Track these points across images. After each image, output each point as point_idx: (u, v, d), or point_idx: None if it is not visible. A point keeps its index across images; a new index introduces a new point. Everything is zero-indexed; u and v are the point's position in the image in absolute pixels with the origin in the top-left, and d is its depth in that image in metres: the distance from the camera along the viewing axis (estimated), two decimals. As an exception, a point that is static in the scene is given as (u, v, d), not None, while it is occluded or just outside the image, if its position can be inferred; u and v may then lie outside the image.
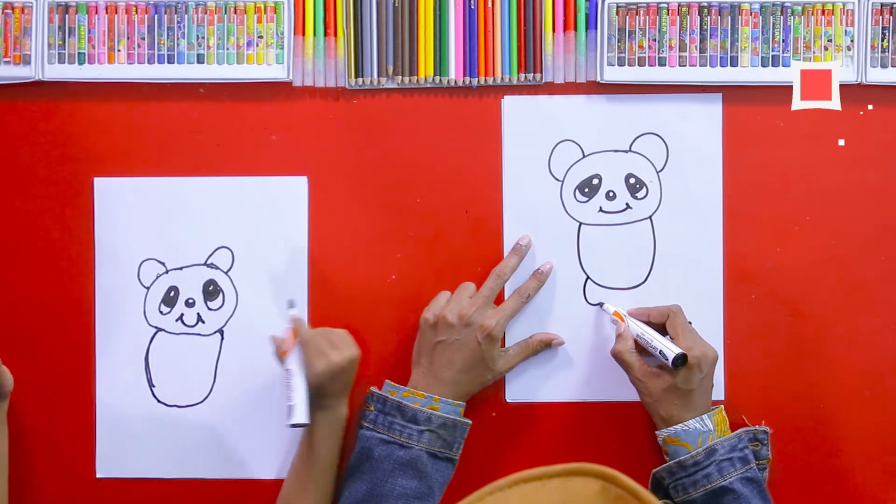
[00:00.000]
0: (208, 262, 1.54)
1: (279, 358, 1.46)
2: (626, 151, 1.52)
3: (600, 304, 1.51)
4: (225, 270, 1.54)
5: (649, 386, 1.42)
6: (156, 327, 1.54)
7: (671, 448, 1.42)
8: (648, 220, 1.52)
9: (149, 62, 1.53)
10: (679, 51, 1.50)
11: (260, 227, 1.53)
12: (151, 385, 1.54)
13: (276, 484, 1.51)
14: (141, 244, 1.54)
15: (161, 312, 1.54)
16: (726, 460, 1.39)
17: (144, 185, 1.54)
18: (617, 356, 1.45)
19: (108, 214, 1.54)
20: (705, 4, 1.50)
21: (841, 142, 1.51)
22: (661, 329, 1.46)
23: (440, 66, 1.52)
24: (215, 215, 1.54)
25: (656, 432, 1.44)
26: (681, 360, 1.40)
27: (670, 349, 1.41)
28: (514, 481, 1.00)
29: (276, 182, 1.53)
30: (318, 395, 1.44)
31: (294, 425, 1.42)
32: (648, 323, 1.47)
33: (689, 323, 1.46)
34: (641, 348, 1.45)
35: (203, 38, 1.52)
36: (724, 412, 1.43)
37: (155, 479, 1.54)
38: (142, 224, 1.54)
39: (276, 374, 1.52)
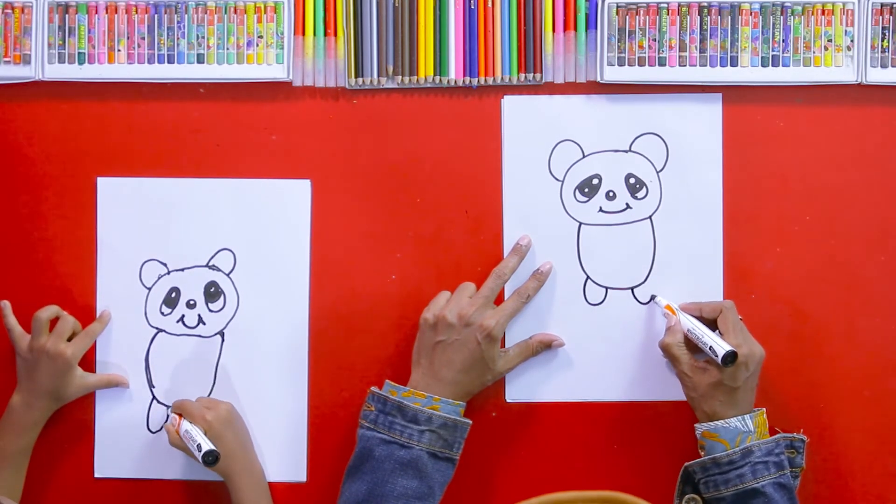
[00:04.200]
0: (210, 263, 1.54)
1: (175, 436, 1.47)
2: (626, 151, 1.52)
3: (652, 297, 1.50)
4: (227, 272, 1.54)
5: (695, 381, 1.42)
6: (156, 328, 1.54)
7: (708, 443, 1.41)
8: (648, 219, 1.52)
9: (149, 62, 1.53)
10: (679, 51, 1.50)
11: (262, 229, 1.53)
12: (151, 386, 1.54)
13: (274, 486, 1.52)
14: (143, 245, 1.54)
15: (162, 313, 1.54)
16: (761, 463, 1.39)
17: (148, 185, 1.54)
18: (665, 349, 1.45)
19: (110, 214, 1.54)
20: (705, 4, 1.50)
21: (840, 142, 1.51)
22: (711, 324, 1.45)
23: (440, 66, 1.52)
24: (218, 217, 1.54)
25: (696, 425, 1.43)
26: (730, 357, 1.38)
27: (721, 346, 1.39)
28: (546, 502, 0.99)
29: (279, 185, 1.53)
30: (228, 456, 1.45)
31: (207, 454, 1.41)
32: (700, 318, 1.46)
33: (741, 319, 1.45)
34: (689, 342, 1.44)
35: (203, 38, 1.52)
36: (765, 416, 1.43)
37: (153, 480, 1.54)
38: (144, 224, 1.54)
39: (275, 376, 1.53)
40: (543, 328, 1.52)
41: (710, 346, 1.40)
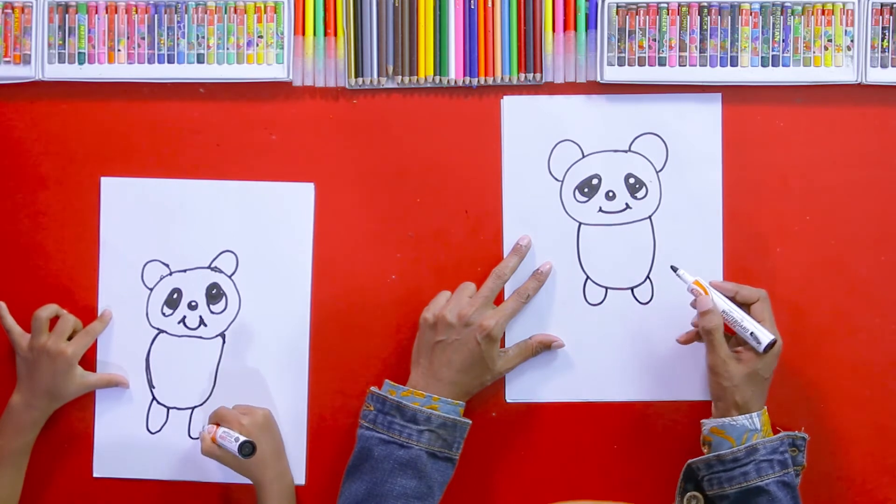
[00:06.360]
0: (212, 265, 1.54)
1: (209, 443, 1.46)
2: (625, 151, 1.52)
3: (674, 269, 1.45)
4: (229, 274, 1.54)
5: (731, 370, 1.39)
6: (157, 329, 1.54)
7: (715, 439, 1.40)
8: (648, 220, 1.52)
9: (149, 62, 1.53)
10: (679, 51, 1.50)
11: (265, 232, 1.54)
12: (151, 386, 1.54)
13: (275, 486, 1.53)
14: (145, 245, 1.54)
15: (163, 314, 1.54)
16: (766, 461, 1.38)
17: (151, 186, 1.54)
18: (707, 333, 1.40)
19: (113, 214, 1.54)
20: (705, 4, 1.50)
21: (840, 142, 1.51)
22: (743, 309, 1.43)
23: (440, 66, 1.52)
24: (221, 219, 1.54)
25: (703, 421, 1.42)
26: (772, 345, 1.38)
27: (765, 333, 1.39)
28: None
29: (282, 188, 1.53)
30: (262, 461, 1.46)
31: (244, 444, 1.41)
32: (733, 300, 1.44)
33: None
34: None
35: (203, 38, 1.52)
36: (767, 414, 1.42)
37: (152, 481, 1.54)
38: (147, 225, 1.54)
39: (276, 379, 1.54)
40: (543, 328, 1.52)
41: (752, 332, 1.39)
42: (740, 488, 1.38)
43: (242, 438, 1.42)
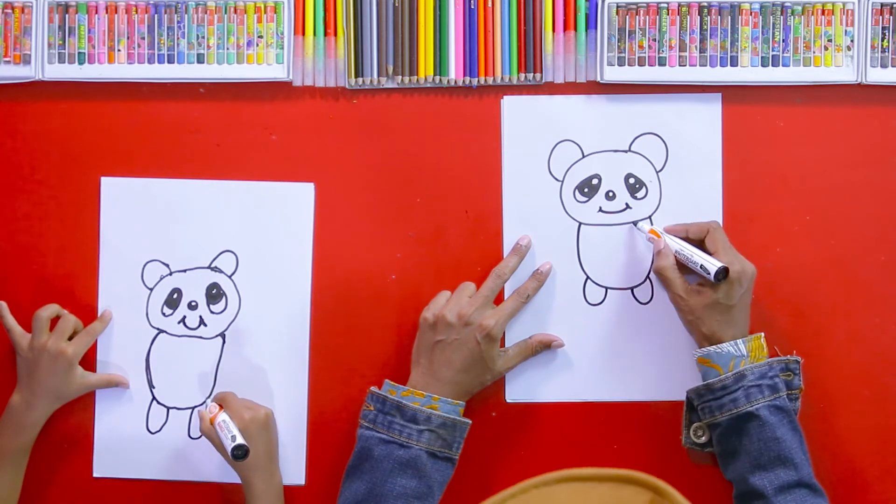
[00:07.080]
0: (212, 265, 1.54)
1: (208, 424, 1.46)
2: (625, 151, 1.52)
3: (634, 223, 1.50)
4: (229, 274, 1.54)
5: (690, 303, 1.43)
6: (157, 329, 1.54)
7: (703, 369, 1.42)
8: (648, 219, 1.52)
9: (149, 62, 1.53)
10: (679, 51, 1.50)
11: (265, 232, 1.54)
12: (151, 386, 1.54)
13: (275, 486, 1.52)
14: (145, 245, 1.54)
15: (163, 314, 1.54)
16: (755, 387, 1.38)
17: (151, 185, 1.54)
18: (659, 273, 1.45)
19: (113, 214, 1.54)
20: (705, 4, 1.50)
21: (840, 142, 1.51)
22: (699, 246, 1.46)
23: (440, 66, 1.52)
24: (221, 219, 1.54)
25: (692, 353, 1.44)
26: (722, 273, 1.39)
27: (712, 263, 1.40)
28: (563, 478, 0.99)
29: (283, 188, 1.53)
30: (254, 461, 1.46)
31: (238, 447, 1.42)
32: (686, 239, 1.47)
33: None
34: (682, 266, 1.45)
35: (203, 38, 1.52)
36: (762, 340, 1.42)
37: (152, 481, 1.54)
38: (147, 225, 1.54)
39: (276, 379, 1.54)
40: (543, 328, 1.52)
41: (701, 265, 1.41)
42: (731, 415, 1.39)
43: (239, 440, 1.42)
